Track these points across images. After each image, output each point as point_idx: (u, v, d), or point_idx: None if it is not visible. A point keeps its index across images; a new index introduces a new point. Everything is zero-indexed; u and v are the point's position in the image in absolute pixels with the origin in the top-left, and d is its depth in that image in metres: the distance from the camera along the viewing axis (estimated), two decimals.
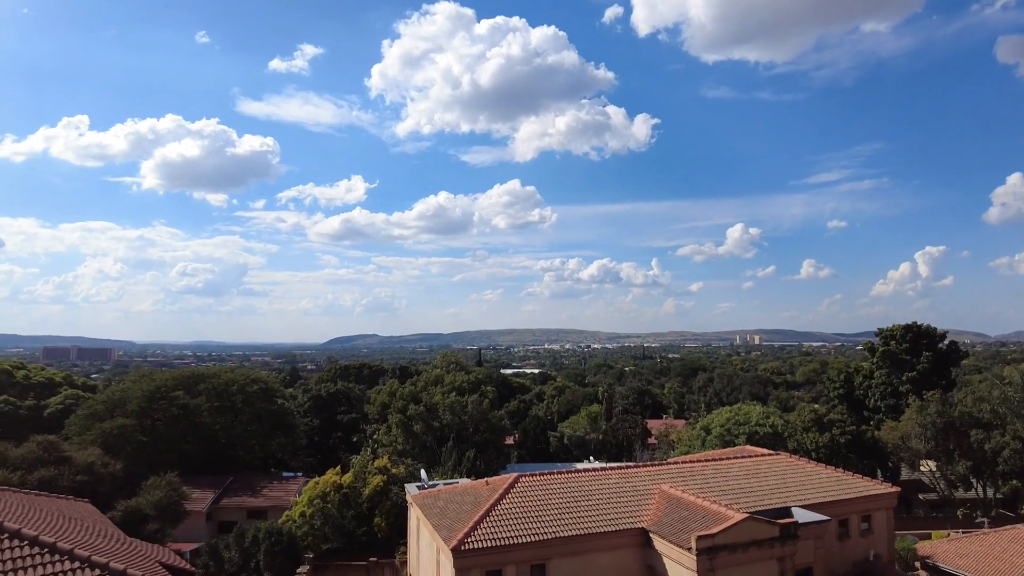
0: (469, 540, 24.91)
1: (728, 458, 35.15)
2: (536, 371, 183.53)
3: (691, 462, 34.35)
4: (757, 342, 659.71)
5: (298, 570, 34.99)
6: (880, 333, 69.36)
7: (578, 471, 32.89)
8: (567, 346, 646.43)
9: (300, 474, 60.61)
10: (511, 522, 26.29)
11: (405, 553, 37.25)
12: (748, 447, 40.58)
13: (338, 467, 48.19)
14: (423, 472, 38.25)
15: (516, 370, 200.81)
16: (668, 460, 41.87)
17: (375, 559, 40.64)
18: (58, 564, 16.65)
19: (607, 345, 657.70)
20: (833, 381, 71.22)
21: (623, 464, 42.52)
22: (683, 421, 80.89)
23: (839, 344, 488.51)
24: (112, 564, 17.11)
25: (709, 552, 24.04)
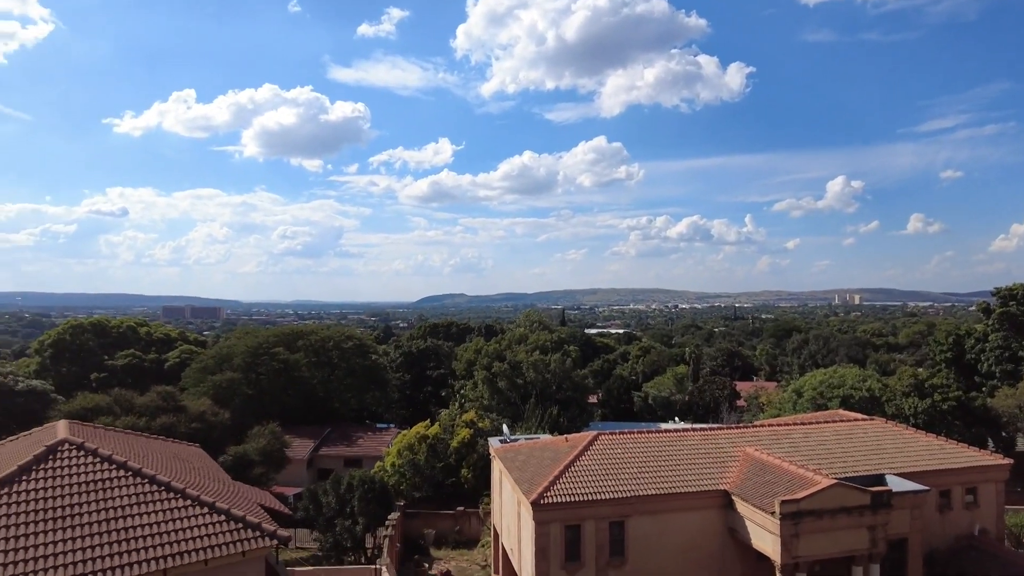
0: (548, 494, 25.43)
1: (819, 422, 33.83)
2: (621, 331, 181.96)
3: (779, 425, 33.35)
4: (857, 302, 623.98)
5: (389, 516, 36.91)
6: (998, 292, 63.74)
7: (660, 431, 32.66)
8: (653, 306, 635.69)
9: (393, 425, 63.58)
10: (589, 479, 26.58)
11: (489, 503, 38.54)
12: (841, 411, 38.89)
13: (427, 420, 50.20)
14: (505, 427, 39.17)
15: (600, 330, 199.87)
16: (755, 423, 40.84)
17: (462, 508, 42.34)
18: (172, 501, 18.38)
19: (695, 305, 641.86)
20: (940, 344, 66.45)
21: (707, 426, 41.86)
22: (774, 384, 78.37)
23: (949, 304, 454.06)
24: (218, 504, 18.71)
25: (794, 517, 23.44)
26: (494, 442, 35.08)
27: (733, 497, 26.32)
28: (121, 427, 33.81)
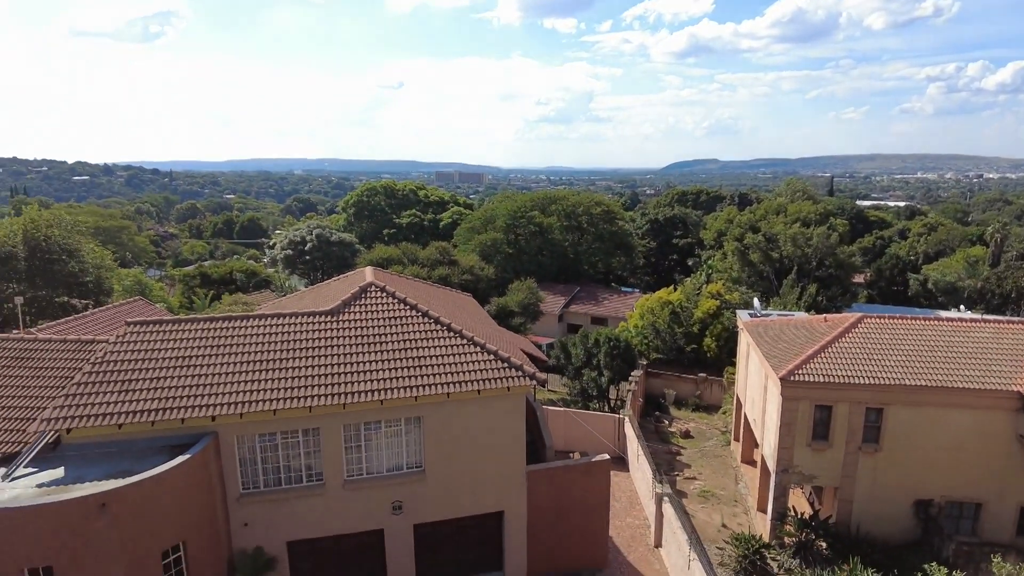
0: (800, 372, 24.74)
1: None
2: (901, 204, 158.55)
3: None
4: None
5: (632, 373, 39.02)
6: None
7: (939, 319, 29.10)
8: (948, 175, 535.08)
9: (637, 290, 65.31)
10: (847, 361, 25.14)
11: (734, 373, 38.59)
12: None
13: (671, 287, 50.59)
14: (756, 301, 37.93)
15: (876, 202, 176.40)
16: None
17: (704, 375, 43.04)
18: (451, 340, 21.62)
19: (1008, 175, 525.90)
20: None
21: (1003, 318, 35.94)
22: None
23: None
24: (487, 345, 21.56)
25: None
26: (743, 315, 34.43)
27: None
28: (408, 275, 39.73)
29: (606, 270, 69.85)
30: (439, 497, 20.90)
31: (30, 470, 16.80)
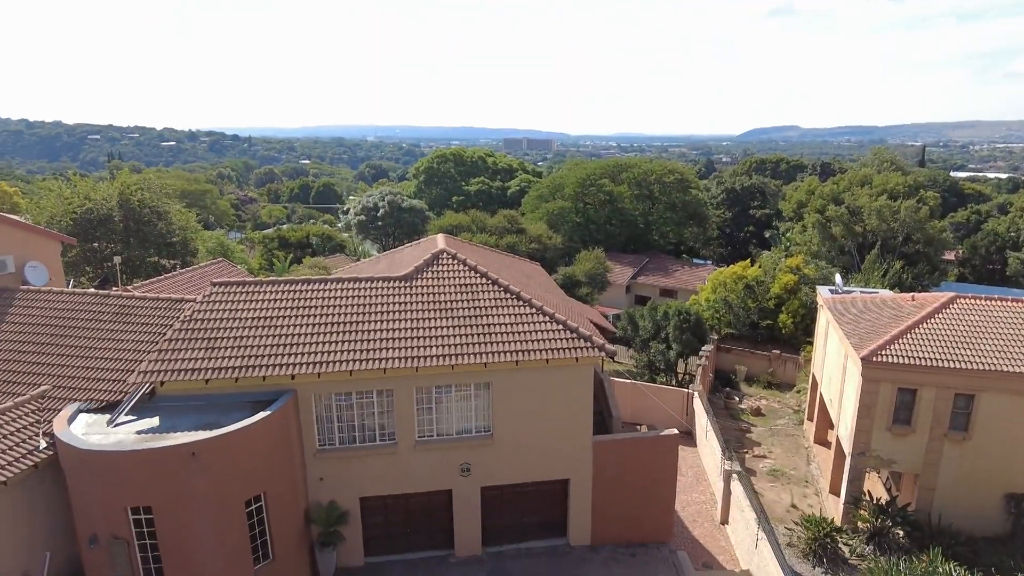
0: (883, 353, 23.61)
1: None
2: (1003, 176, 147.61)
3: None
4: None
5: (702, 348, 38.22)
6: None
7: None
8: None
9: (709, 262, 63.70)
10: (936, 343, 23.80)
11: (810, 352, 37.29)
12: None
13: (746, 260, 49.01)
14: (838, 277, 36.29)
15: (973, 173, 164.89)
16: None
17: (778, 352, 41.77)
18: (519, 308, 21.67)
19: None
20: None
21: None
22: None
23: None
24: (556, 315, 21.51)
25: None
26: (823, 291, 33.05)
27: None
28: (477, 243, 39.99)
29: (678, 241, 68.24)
30: (506, 461, 21.23)
31: (130, 418, 18.05)
